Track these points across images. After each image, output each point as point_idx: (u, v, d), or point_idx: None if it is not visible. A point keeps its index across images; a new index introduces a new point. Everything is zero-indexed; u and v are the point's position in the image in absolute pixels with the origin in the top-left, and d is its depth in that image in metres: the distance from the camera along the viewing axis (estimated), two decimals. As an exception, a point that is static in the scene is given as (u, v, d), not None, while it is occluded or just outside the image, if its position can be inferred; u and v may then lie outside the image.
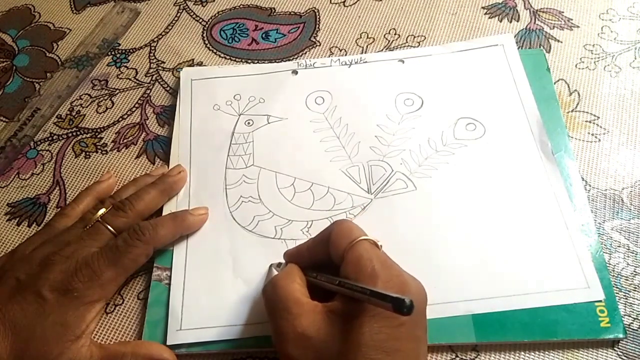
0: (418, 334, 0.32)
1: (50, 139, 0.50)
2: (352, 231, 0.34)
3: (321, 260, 0.35)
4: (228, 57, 0.53)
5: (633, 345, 0.37)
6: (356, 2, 0.56)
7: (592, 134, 0.45)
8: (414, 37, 0.52)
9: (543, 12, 0.53)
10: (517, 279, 0.38)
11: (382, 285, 0.31)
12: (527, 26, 0.52)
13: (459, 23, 0.53)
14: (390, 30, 0.53)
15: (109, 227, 0.40)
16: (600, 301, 0.37)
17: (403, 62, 0.50)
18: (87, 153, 0.48)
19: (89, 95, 0.52)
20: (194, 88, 0.50)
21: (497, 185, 0.43)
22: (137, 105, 0.51)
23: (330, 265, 0.35)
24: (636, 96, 0.47)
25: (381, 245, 0.34)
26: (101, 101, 0.51)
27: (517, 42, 0.50)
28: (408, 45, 0.52)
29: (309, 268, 0.36)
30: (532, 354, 0.37)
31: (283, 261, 0.39)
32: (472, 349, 0.37)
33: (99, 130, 0.50)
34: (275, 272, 0.39)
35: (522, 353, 0.37)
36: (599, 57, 0.49)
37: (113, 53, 0.54)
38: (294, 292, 0.33)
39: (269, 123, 0.48)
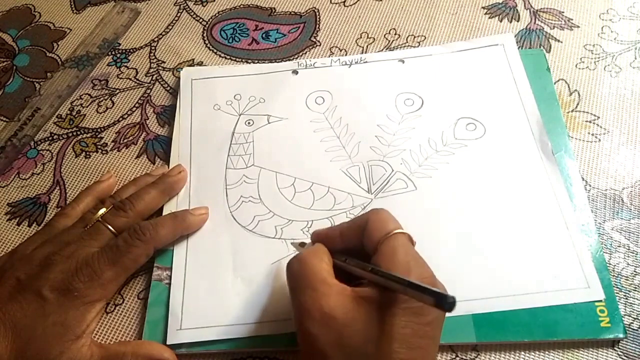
0: (437, 334, 0.31)
1: (50, 138, 0.50)
2: (389, 222, 0.34)
3: (354, 246, 0.35)
4: (228, 57, 0.53)
5: (633, 345, 0.37)
6: (356, 2, 0.56)
7: (592, 134, 0.45)
8: (414, 37, 0.52)
9: (543, 12, 0.53)
10: (517, 279, 0.38)
11: None
12: (527, 26, 0.52)
13: (459, 23, 0.53)
14: (391, 30, 0.53)
15: (109, 227, 0.40)
16: (601, 301, 0.37)
17: (403, 62, 0.50)
18: (88, 153, 0.48)
19: (89, 95, 0.52)
20: (194, 88, 0.50)
21: (497, 185, 0.43)
22: (137, 105, 0.51)
23: (359, 252, 0.34)
24: (636, 96, 0.47)
25: (415, 242, 0.34)
26: (101, 101, 0.51)
27: (517, 42, 0.50)
28: (408, 45, 0.52)
29: (337, 252, 0.35)
30: (532, 354, 0.37)
31: (305, 241, 0.39)
32: (472, 349, 0.37)
33: (99, 130, 0.50)
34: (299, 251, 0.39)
35: (522, 353, 0.37)
36: (599, 57, 0.49)
37: (113, 53, 0.54)
38: (322, 271, 0.32)
39: (269, 123, 0.48)
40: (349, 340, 0.30)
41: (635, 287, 0.39)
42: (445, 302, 0.26)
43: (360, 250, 0.34)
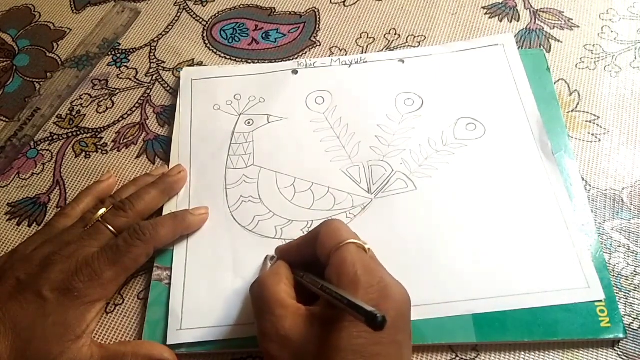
0: (399, 338, 0.31)
1: (50, 138, 0.50)
2: (340, 233, 0.34)
3: (311, 259, 0.35)
4: (228, 57, 0.53)
5: (633, 345, 0.37)
6: (356, 2, 0.56)
7: (592, 134, 0.45)
8: (414, 37, 0.52)
9: (543, 12, 0.53)
10: (518, 279, 0.38)
11: (363, 292, 0.30)
12: (527, 26, 0.52)
13: (459, 23, 0.53)
14: (391, 30, 0.53)
15: (109, 227, 0.40)
16: (601, 301, 0.37)
17: (403, 62, 0.50)
18: (87, 153, 0.49)
19: (89, 95, 0.52)
20: (194, 88, 0.50)
21: (497, 185, 0.43)
22: (137, 105, 0.51)
23: (320, 265, 0.34)
24: (636, 96, 0.47)
25: (369, 249, 0.34)
26: (101, 101, 0.51)
27: (517, 42, 0.50)
28: (408, 45, 0.52)
29: (299, 266, 0.36)
30: (532, 354, 0.37)
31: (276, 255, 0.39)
32: (472, 349, 0.37)
33: (99, 130, 0.50)
34: (269, 265, 0.39)
35: (522, 353, 0.37)
36: (599, 57, 0.49)
37: (113, 53, 0.54)
38: (280, 293, 0.33)
39: (269, 123, 0.48)
40: (303, 358, 0.30)
41: (635, 287, 0.39)
42: (375, 320, 0.27)
43: (320, 263, 0.34)
